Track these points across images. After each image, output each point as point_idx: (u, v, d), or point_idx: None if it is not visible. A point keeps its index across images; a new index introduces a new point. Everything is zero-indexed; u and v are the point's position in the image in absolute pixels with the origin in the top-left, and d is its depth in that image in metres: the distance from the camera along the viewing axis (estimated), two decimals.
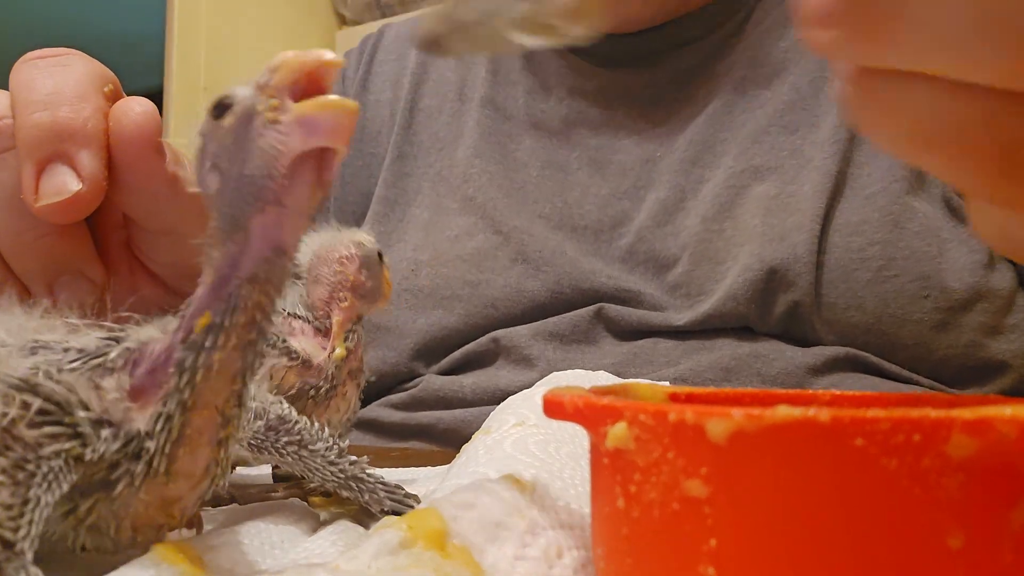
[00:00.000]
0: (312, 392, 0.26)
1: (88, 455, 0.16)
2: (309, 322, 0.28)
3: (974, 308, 0.41)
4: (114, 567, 0.16)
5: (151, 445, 0.16)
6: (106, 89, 0.24)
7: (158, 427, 0.16)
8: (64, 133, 0.22)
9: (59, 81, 0.23)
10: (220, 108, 0.16)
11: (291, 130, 0.15)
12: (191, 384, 0.16)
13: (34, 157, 0.22)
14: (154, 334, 0.17)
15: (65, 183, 0.22)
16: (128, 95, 0.25)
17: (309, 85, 0.16)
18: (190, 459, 0.17)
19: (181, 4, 1.38)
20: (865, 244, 0.41)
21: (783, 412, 0.12)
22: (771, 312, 0.42)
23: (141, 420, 0.16)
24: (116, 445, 0.16)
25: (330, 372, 0.27)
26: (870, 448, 0.12)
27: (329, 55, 0.16)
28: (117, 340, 0.17)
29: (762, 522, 0.13)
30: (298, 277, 0.28)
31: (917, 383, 0.41)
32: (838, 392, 0.18)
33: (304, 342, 0.27)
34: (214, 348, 0.16)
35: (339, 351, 0.27)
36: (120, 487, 0.16)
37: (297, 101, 0.16)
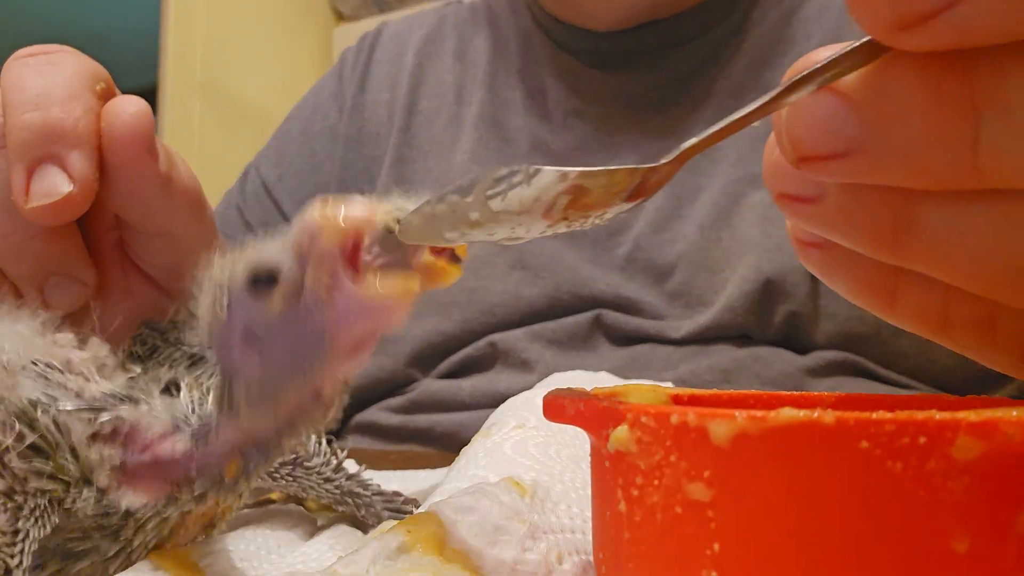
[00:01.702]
0: None
1: (69, 503, 0.15)
2: None
3: None
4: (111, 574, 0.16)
5: (134, 539, 0.16)
6: (98, 87, 0.24)
7: (149, 526, 0.16)
8: (55, 134, 0.22)
9: (50, 80, 0.23)
10: (259, 282, 0.14)
11: (348, 311, 0.14)
12: (201, 503, 0.16)
13: (24, 158, 0.22)
14: (157, 418, 0.16)
15: (56, 185, 0.21)
16: (122, 92, 0.24)
17: (357, 247, 0.14)
18: (177, 539, 0.17)
19: (176, 1, 1.37)
20: None
21: (787, 414, 0.12)
22: (770, 322, 0.42)
23: (128, 502, 0.16)
24: (94, 511, 0.16)
25: None
26: (875, 451, 0.12)
27: (369, 212, 0.14)
28: (116, 398, 0.17)
29: (765, 526, 0.12)
30: None
31: (917, 389, 0.41)
32: (842, 394, 0.18)
33: None
34: (239, 483, 0.16)
35: None
36: (86, 563, 0.16)
37: (349, 267, 0.14)
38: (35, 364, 0.17)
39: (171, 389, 0.17)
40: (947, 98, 0.12)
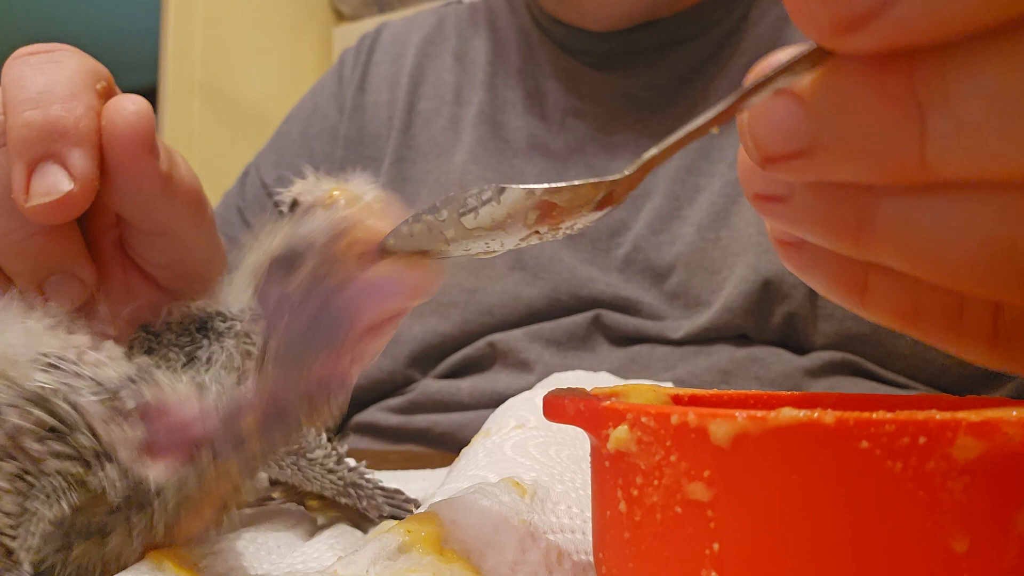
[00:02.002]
0: None
1: (91, 481, 0.16)
2: None
3: None
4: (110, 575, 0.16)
5: (157, 505, 0.16)
6: (99, 86, 0.24)
7: (170, 493, 0.16)
8: (55, 132, 0.22)
9: (51, 78, 0.23)
10: (292, 257, 0.16)
11: (368, 291, 0.15)
12: (221, 469, 0.16)
13: (25, 156, 0.22)
14: (177, 390, 0.17)
15: (56, 183, 0.21)
16: (122, 92, 0.24)
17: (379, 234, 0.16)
18: (192, 521, 0.17)
19: (177, 0, 1.37)
20: None
21: (787, 414, 0.12)
22: (768, 323, 0.42)
23: (153, 474, 0.16)
24: (122, 486, 0.16)
25: None
26: (875, 450, 0.12)
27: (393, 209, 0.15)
28: (133, 380, 0.17)
29: (765, 526, 0.12)
30: None
31: (915, 389, 0.41)
32: (842, 394, 0.18)
33: None
34: (256, 448, 0.16)
35: None
36: (116, 537, 0.16)
37: (370, 253, 0.15)
38: (45, 356, 0.17)
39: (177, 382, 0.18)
40: (892, 95, 0.12)
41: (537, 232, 0.15)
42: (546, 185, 0.15)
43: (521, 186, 0.15)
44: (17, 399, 0.16)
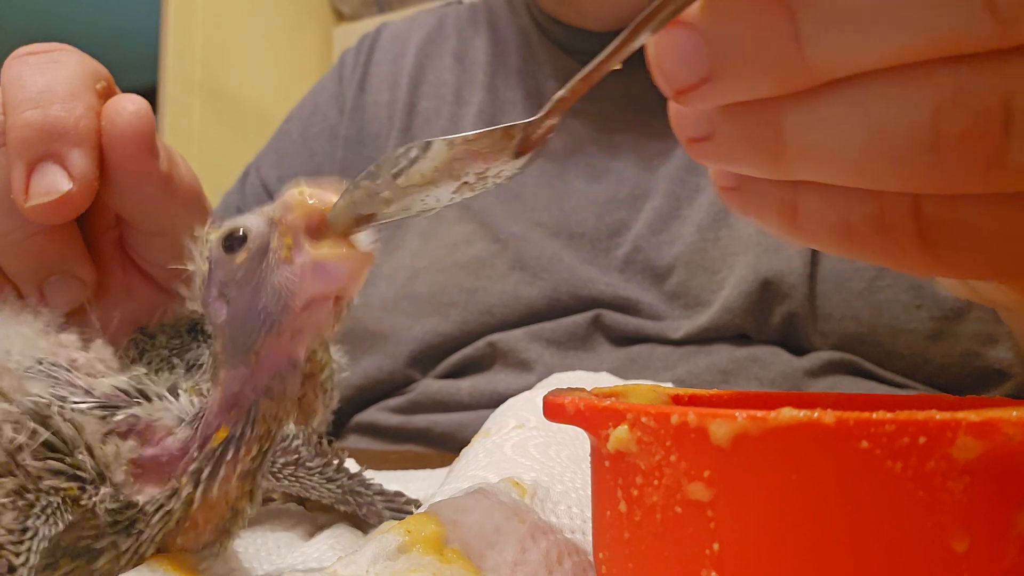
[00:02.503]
0: None
1: (85, 501, 0.16)
2: None
3: (967, 317, 0.41)
4: None
5: (145, 529, 0.16)
6: (99, 86, 0.24)
7: (156, 518, 0.16)
8: (55, 132, 0.22)
9: (50, 78, 0.23)
10: (232, 240, 0.16)
11: (305, 273, 0.16)
12: (204, 491, 0.16)
13: (24, 156, 0.22)
14: (169, 412, 0.17)
15: (56, 183, 0.21)
16: (122, 92, 0.24)
17: (322, 223, 0.16)
18: (187, 541, 0.17)
19: (177, 0, 1.37)
20: None
21: (787, 414, 0.12)
22: (767, 323, 0.42)
23: (141, 496, 0.16)
24: (112, 507, 0.16)
25: None
26: (875, 450, 0.12)
27: (336, 193, 0.16)
28: (127, 394, 0.17)
29: (765, 525, 0.12)
30: None
31: (914, 389, 0.41)
32: (842, 394, 0.18)
33: None
34: (234, 460, 0.16)
35: None
36: (103, 560, 0.16)
37: (311, 238, 0.16)
38: (40, 364, 0.17)
39: (173, 394, 0.18)
40: (765, 4, 0.13)
41: (466, 183, 0.16)
42: (463, 134, 0.15)
43: (442, 138, 0.15)
44: (15, 414, 0.16)
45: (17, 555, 0.15)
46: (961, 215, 0.14)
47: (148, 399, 0.17)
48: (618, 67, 0.15)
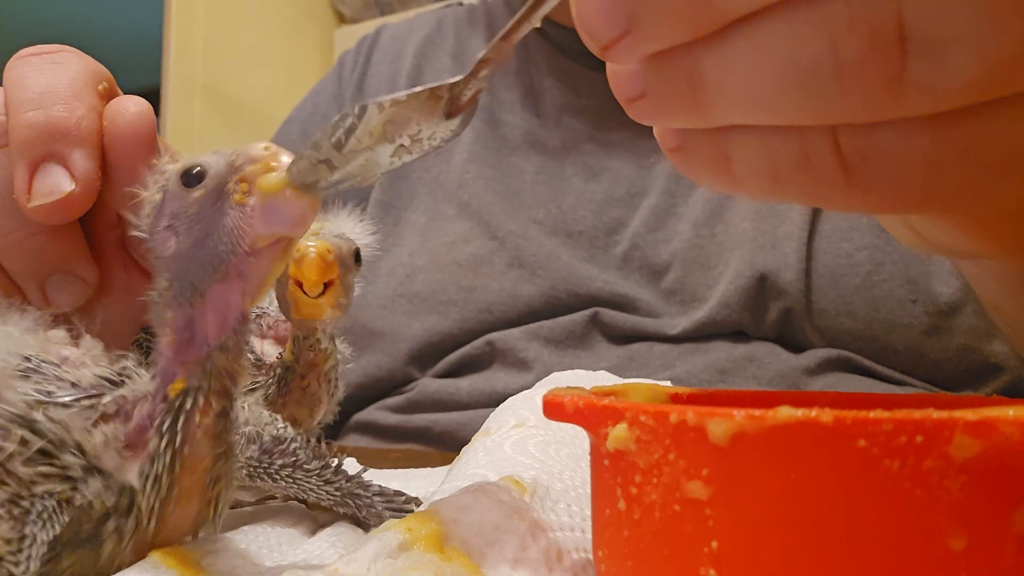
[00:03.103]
0: (261, 391, 0.26)
1: (78, 500, 0.16)
2: (283, 321, 0.27)
3: (963, 312, 0.41)
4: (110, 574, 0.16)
5: (142, 502, 0.16)
6: (100, 87, 0.24)
7: (147, 486, 0.16)
8: (57, 133, 0.22)
9: (53, 79, 0.23)
10: (190, 176, 0.17)
11: (255, 216, 0.16)
12: (172, 446, 0.16)
13: (27, 157, 0.22)
14: (142, 388, 0.17)
15: (58, 183, 0.22)
16: (124, 93, 0.24)
17: (280, 180, 0.16)
18: (180, 516, 0.17)
19: (179, 2, 1.38)
20: (853, 250, 0.42)
21: (785, 413, 0.12)
22: (764, 319, 0.42)
23: (132, 475, 0.16)
24: (109, 497, 0.16)
25: (277, 373, 0.26)
26: (872, 449, 0.12)
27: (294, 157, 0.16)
28: (111, 382, 0.17)
29: (763, 524, 0.12)
30: None
31: (911, 385, 0.42)
32: (840, 393, 0.18)
33: (265, 343, 0.27)
34: (193, 411, 0.16)
35: (286, 355, 0.26)
36: (109, 545, 0.16)
37: (263, 180, 0.16)
38: (28, 360, 0.17)
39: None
40: None
41: (403, 146, 0.16)
42: (392, 96, 0.16)
43: (372, 101, 0.16)
44: (5, 422, 0.16)
45: (17, 564, 0.15)
46: (878, 144, 0.15)
47: (130, 379, 0.17)
48: (538, 25, 0.16)
